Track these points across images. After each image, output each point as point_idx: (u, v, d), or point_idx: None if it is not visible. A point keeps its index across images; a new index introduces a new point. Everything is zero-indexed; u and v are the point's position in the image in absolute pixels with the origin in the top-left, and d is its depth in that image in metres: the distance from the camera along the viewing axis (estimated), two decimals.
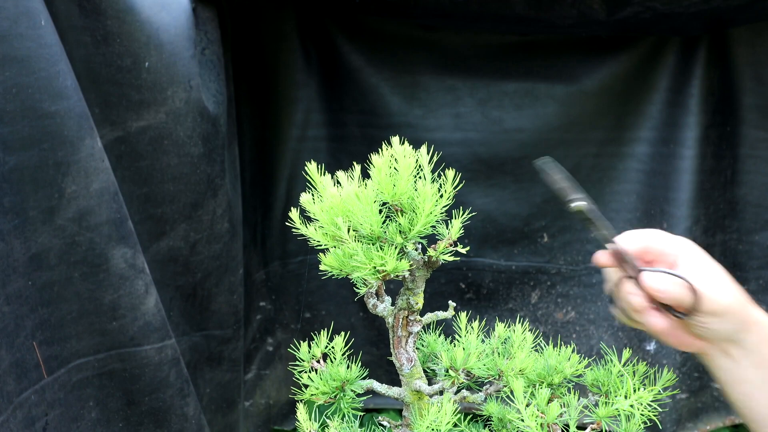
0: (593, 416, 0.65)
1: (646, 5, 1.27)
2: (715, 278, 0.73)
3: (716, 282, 0.72)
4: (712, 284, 0.72)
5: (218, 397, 1.35)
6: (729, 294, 0.72)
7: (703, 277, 0.72)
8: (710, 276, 0.73)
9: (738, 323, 0.73)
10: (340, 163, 1.55)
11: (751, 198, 1.57)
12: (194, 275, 1.23)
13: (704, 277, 0.72)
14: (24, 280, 0.91)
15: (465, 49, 1.55)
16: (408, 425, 0.75)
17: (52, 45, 0.91)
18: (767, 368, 0.75)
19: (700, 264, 0.74)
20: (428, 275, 0.72)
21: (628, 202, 1.61)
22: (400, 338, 0.73)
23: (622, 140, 1.59)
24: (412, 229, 0.64)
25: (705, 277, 0.72)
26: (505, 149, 1.58)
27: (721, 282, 0.73)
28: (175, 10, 1.11)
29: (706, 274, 0.73)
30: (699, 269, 0.73)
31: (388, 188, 0.64)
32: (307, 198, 0.66)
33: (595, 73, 1.55)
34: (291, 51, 1.50)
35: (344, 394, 0.71)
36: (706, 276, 0.72)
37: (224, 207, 1.25)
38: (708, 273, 0.73)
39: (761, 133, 1.53)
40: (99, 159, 0.98)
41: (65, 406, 0.99)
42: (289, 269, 1.64)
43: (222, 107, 1.21)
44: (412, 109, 1.56)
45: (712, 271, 0.74)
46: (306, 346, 0.74)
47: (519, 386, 0.64)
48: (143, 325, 1.05)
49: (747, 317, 0.74)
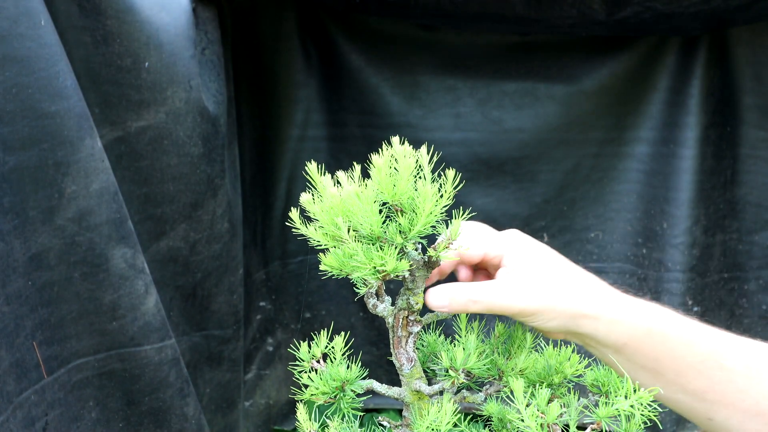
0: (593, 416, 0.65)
1: (646, 5, 1.27)
2: (520, 279, 0.72)
3: (518, 284, 0.71)
4: (513, 287, 0.71)
5: (218, 397, 1.35)
6: (532, 296, 0.71)
7: (507, 281, 0.71)
8: (515, 279, 0.72)
9: (566, 319, 0.71)
10: (340, 163, 1.55)
11: (751, 198, 1.57)
12: (194, 275, 1.23)
13: (508, 281, 0.71)
14: (24, 280, 0.91)
15: (465, 49, 1.55)
16: (408, 425, 0.74)
17: (52, 45, 0.91)
18: (622, 353, 0.73)
19: (515, 266, 0.73)
20: (428, 275, 0.71)
21: (628, 202, 1.61)
22: (400, 338, 0.73)
23: (622, 140, 1.60)
24: (412, 230, 0.64)
25: (509, 280, 0.71)
26: (505, 149, 1.58)
27: (526, 283, 0.71)
28: (175, 10, 1.11)
29: (512, 277, 0.72)
30: (510, 272, 0.72)
31: (388, 188, 0.64)
32: (307, 198, 0.66)
33: (595, 73, 1.55)
34: (291, 51, 1.50)
35: (344, 394, 0.71)
36: (510, 279, 0.72)
37: (224, 207, 1.25)
38: (514, 275, 0.72)
39: (761, 133, 1.53)
40: (99, 159, 0.98)
41: (65, 406, 0.99)
42: (289, 269, 1.64)
43: (222, 107, 1.21)
44: (412, 109, 1.56)
45: (522, 271, 0.72)
46: (306, 346, 0.74)
47: (519, 386, 0.64)
48: (143, 325, 1.05)
49: (576, 312, 0.72)
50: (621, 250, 1.64)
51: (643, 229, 1.61)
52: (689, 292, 1.60)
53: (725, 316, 1.63)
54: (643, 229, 1.61)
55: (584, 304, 0.72)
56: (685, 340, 0.74)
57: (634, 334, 0.73)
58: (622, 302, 0.74)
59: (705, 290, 1.61)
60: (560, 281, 0.73)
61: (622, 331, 0.73)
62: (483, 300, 0.69)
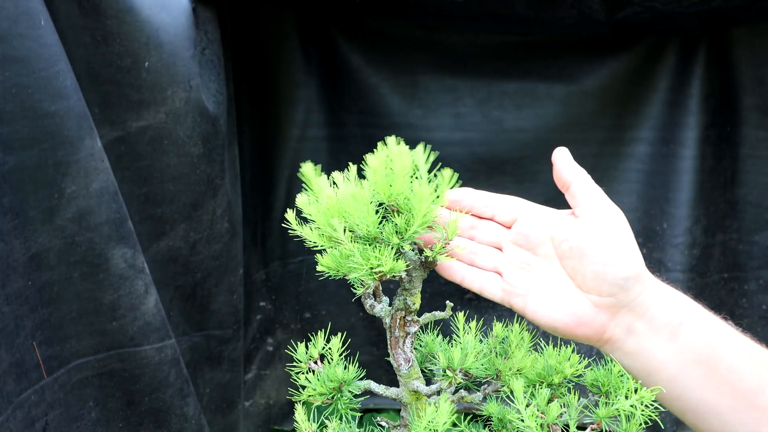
0: (593, 416, 0.65)
1: (646, 5, 1.27)
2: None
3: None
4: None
5: (218, 397, 1.35)
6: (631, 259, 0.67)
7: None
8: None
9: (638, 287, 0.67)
10: (340, 163, 1.55)
11: (751, 198, 1.57)
12: (194, 275, 1.23)
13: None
14: (24, 280, 0.91)
15: (465, 49, 1.55)
16: (406, 425, 0.75)
17: (51, 45, 0.91)
18: (678, 339, 0.67)
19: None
20: (425, 275, 0.72)
21: (628, 202, 1.61)
22: (398, 339, 0.73)
23: (622, 140, 1.59)
24: (409, 230, 0.65)
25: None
26: (505, 149, 1.58)
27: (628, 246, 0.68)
28: (175, 10, 1.11)
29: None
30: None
31: (384, 188, 0.64)
32: (303, 199, 0.66)
33: (595, 73, 1.55)
34: (291, 51, 1.51)
35: (341, 395, 0.71)
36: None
37: (224, 207, 1.25)
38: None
39: (761, 133, 1.53)
40: (99, 159, 0.98)
41: (65, 406, 0.99)
42: (289, 269, 1.64)
43: (222, 107, 1.21)
44: (412, 109, 1.56)
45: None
46: (303, 347, 0.74)
47: (519, 386, 0.64)
48: (143, 325, 1.06)
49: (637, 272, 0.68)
50: None
51: (643, 229, 1.61)
52: (689, 293, 1.58)
53: (725, 316, 1.63)
54: (643, 229, 1.61)
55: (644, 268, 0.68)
56: (731, 330, 0.69)
57: (692, 312, 0.69)
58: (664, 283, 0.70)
59: (705, 290, 1.61)
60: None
61: (680, 305, 0.68)
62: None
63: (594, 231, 0.69)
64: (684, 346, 0.67)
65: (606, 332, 0.69)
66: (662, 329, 0.68)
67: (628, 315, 0.68)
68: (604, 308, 0.68)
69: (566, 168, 0.72)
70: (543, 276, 0.73)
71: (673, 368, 0.67)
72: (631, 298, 0.68)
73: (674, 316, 0.68)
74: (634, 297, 0.68)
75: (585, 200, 0.71)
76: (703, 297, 1.62)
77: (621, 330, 0.69)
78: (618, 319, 0.68)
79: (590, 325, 0.69)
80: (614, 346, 0.70)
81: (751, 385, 0.66)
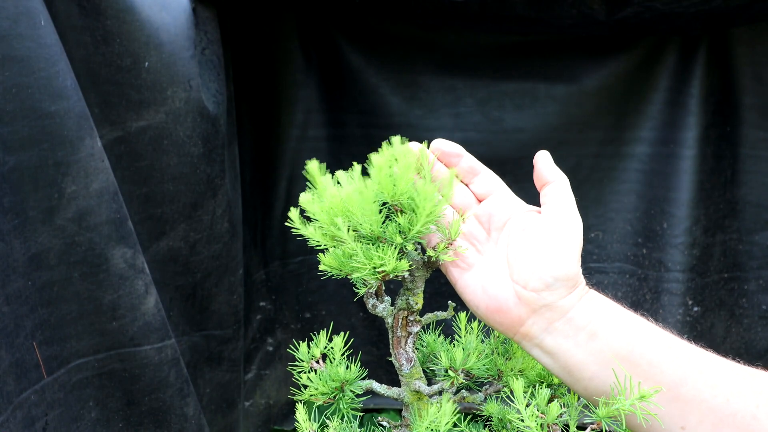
0: (593, 416, 0.65)
1: (646, 5, 1.27)
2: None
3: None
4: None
5: (218, 397, 1.35)
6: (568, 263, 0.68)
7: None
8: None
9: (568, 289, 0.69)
10: (341, 163, 1.55)
11: (751, 198, 1.57)
12: (194, 275, 1.23)
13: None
14: (24, 280, 0.91)
15: (465, 49, 1.55)
16: (407, 425, 0.74)
17: (51, 45, 0.91)
18: (597, 338, 0.68)
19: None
20: (428, 275, 0.72)
21: (628, 202, 1.61)
22: (400, 338, 0.73)
23: (622, 140, 1.59)
24: (412, 229, 0.64)
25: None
26: (505, 149, 1.58)
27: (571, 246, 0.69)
28: (175, 10, 1.11)
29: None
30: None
31: (387, 188, 0.64)
32: (307, 198, 0.66)
33: (595, 73, 1.55)
34: (291, 51, 1.50)
35: (343, 395, 0.71)
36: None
37: (224, 207, 1.25)
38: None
39: (761, 133, 1.53)
40: (99, 159, 0.98)
41: (65, 406, 0.99)
42: (289, 269, 1.64)
43: (222, 107, 1.21)
44: (412, 109, 1.56)
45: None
46: (305, 347, 0.74)
47: (519, 386, 0.64)
48: (143, 325, 1.05)
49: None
50: (621, 250, 1.64)
51: (643, 229, 1.61)
52: (689, 292, 1.59)
53: (725, 316, 1.63)
54: (643, 229, 1.61)
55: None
56: (652, 326, 0.70)
57: (611, 312, 0.69)
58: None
59: (705, 290, 1.61)
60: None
61: (601, 307, 0.69)
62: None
63: (547, 228, 0.71)
64: (603, 345, 0.68)
65: (523, 326, 0.70)
66: (581, 330, 0.69)
67: (547, 313, 0.69)
68: (525, 302, 0.69)
69: (546, 169, 0.75)
70: (486, 259, 0.74)
71: (594, 367, 0.68)
72: (554, 298, 0.69)
73: (594, 317, 0.69)
74: (557, 298, 0.69)
75: (553, 202, 0.73)
76: (703, 297, 1.62)
77: (539, 328, 0.70)
78: (537, 316, 0.69)
79: (508, 315, 0.70)
80: (532, 342, 0.71)
81: (673, 377, 0.67)
